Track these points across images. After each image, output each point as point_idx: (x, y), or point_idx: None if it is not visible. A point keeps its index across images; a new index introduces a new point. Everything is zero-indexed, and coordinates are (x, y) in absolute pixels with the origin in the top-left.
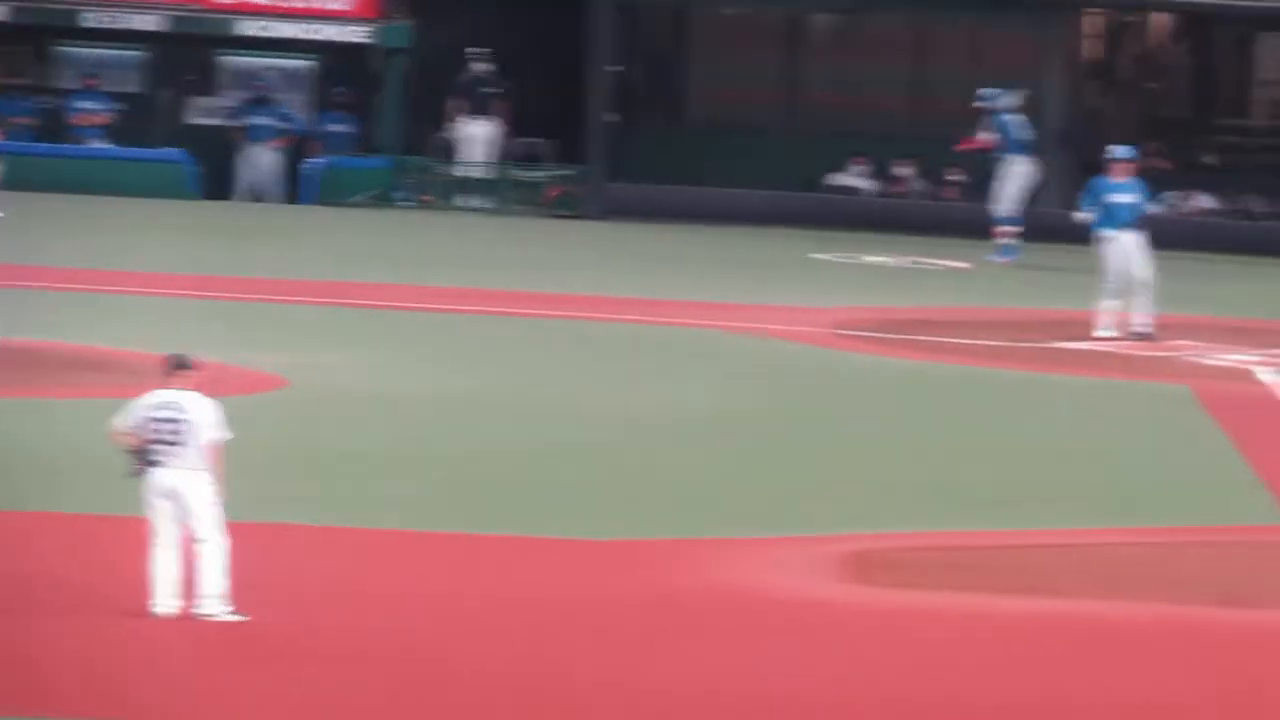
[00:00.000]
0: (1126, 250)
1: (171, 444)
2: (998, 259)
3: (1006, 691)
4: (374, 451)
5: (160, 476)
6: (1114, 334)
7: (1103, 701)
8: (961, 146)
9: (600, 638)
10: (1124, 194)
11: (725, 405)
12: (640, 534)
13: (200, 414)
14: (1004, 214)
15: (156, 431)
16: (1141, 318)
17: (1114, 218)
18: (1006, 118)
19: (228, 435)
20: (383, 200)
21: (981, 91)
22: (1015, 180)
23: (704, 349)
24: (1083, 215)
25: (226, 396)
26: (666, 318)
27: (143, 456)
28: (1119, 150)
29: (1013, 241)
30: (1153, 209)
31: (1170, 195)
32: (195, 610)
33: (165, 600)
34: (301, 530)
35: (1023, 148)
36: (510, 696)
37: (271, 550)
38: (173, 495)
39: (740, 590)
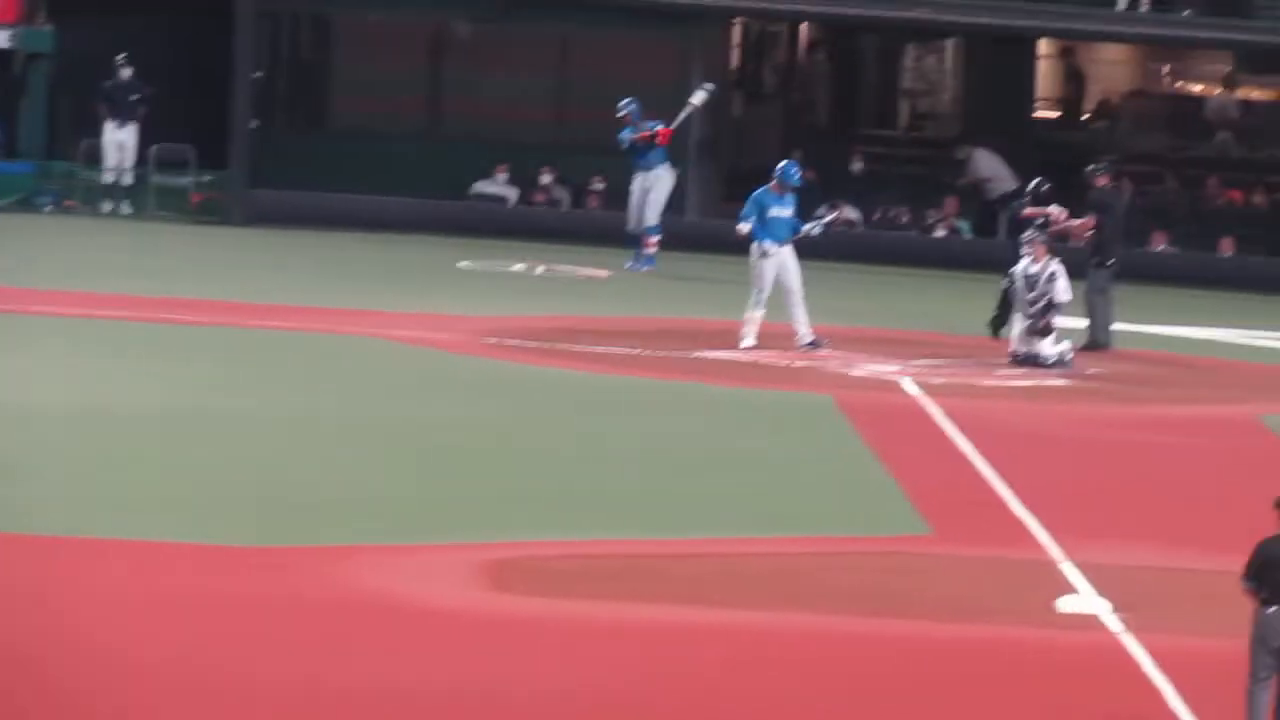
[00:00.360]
0: (783, 264)
1: None
2: (640, 267)
3: (650, 699)
4: (12, 458)
5: None
6: (756, 344)
7: (749, 712)
8: (644, 136)
9: (241, 640)
10: (784, 208)
11: (367, 412)
12: (282, 541)
13: None
14: (652, 223)
15: None
16: (805, 328)
17: (773, 232)
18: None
19: None
20: (25, 205)
21: (623, 102)
22: (661, 189)
23: (348, 356)
24: (743, 227)
25: None
26: (309, 324)
27: None
28: (786, 170)
29: (654, 250)
30: (810, 224)
31: (820, 207)
32: None
33: None
34: None
35: (665, 157)
36: (162, 695)
37: None
38: None
39: (380, 596)
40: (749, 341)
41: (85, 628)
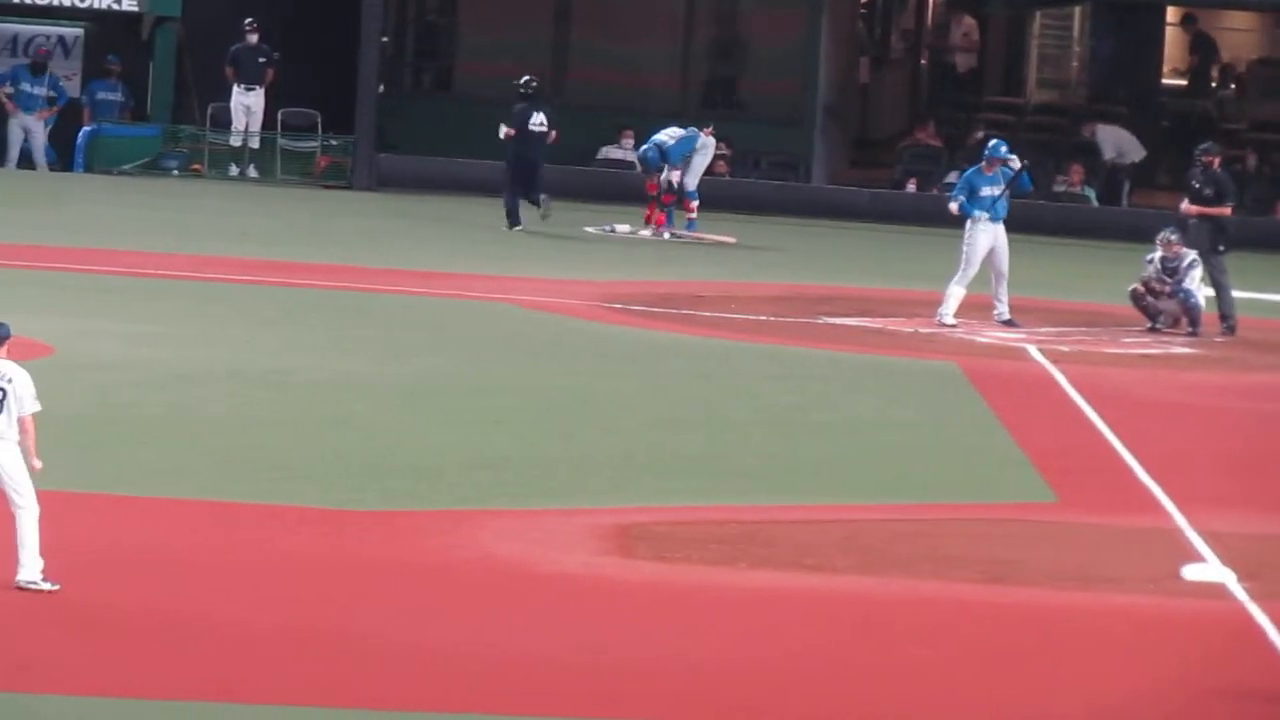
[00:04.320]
0: (996, 243)
1: None
2: (688, 233)
3: (769, 665)
4: (138, 419)
5: None
6: (956, 323)
7: (866, 677)
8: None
9: (375, 603)
10: (994, 186)
11: (491, 377)
12: (403, 505)
13: (21, 383)
14: (691, 188)
15: None
16: (1004, 307)
17: (986, 209)
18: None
19: (39, 407)
20: (153, 169)
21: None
22: (703, 158)
23: (472, 321)
24: (953, 205)
25: None
26: (434, 289)
27: None
28: (994, 149)
29: (695, 216)
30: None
31: (945, 173)
32: (19, 580)
33: None
34: (69, 497)
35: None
36: (304, 659)
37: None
38: None
39: (504, 561)
40: (949, 319)
41: (207, 593)
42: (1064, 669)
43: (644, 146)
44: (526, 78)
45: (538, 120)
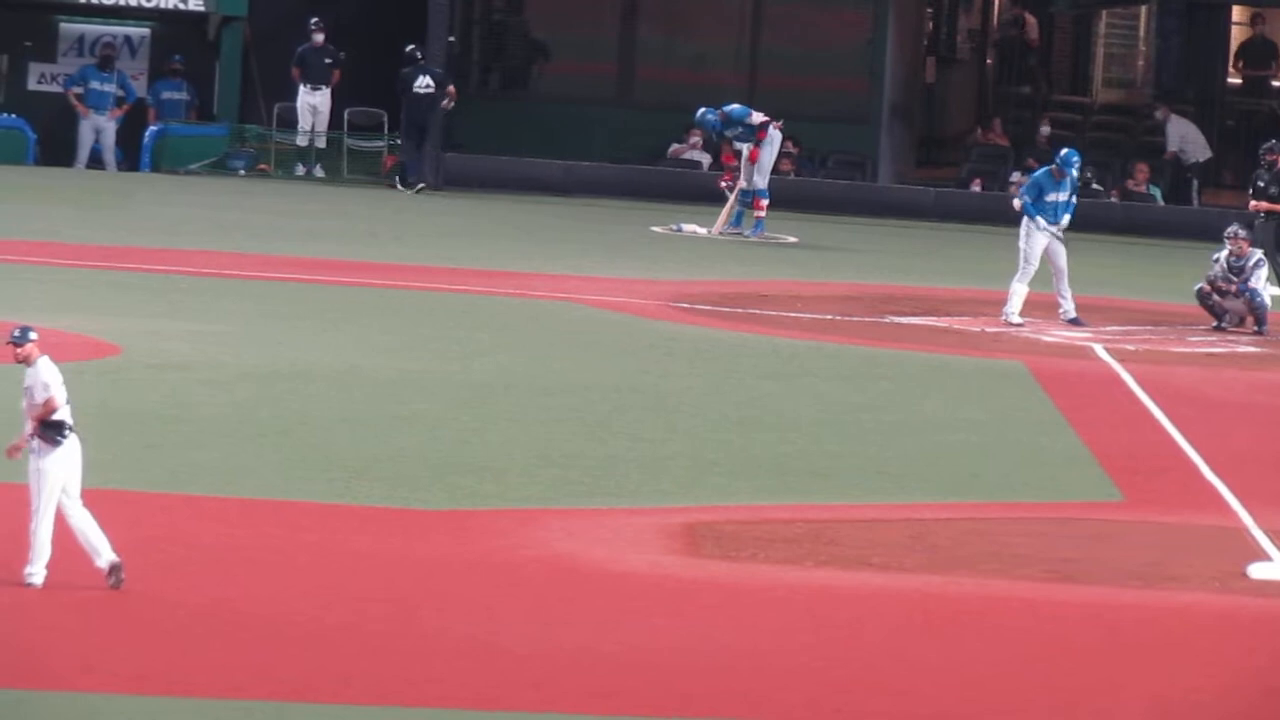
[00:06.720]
0: (1053, 243)
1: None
2: (752, 235)
3: (836, 663)
4: (203, 420)
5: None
6: (1023, 322)
7: (932, 675)
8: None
9: (441, 602)
10: (1060, 193)
11: (558, 376)
12: (469, 504)
13: (48, 373)
14: (761, 186)
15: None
16: (1070, 304)
17: (1046, 212)
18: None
19: (63, 394)
20: (219, 168)
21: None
22: (770, 152)
23: (538, 320)
24: (1017, 203)
25: (60, 363)
26: (500, 288)
27: (59, 428)
28: (1066, 159)
29: (764, 214)
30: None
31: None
32: (100, 564)
33: (41, 569)
34: (135, 496)
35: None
36: (369, 658)
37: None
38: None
39: (570, 559)
40: (1015, 318)
41: (272, 592)
42: (1130, 667)
43: (703, 109)
44: (411, 46)
45: (423, 83)
